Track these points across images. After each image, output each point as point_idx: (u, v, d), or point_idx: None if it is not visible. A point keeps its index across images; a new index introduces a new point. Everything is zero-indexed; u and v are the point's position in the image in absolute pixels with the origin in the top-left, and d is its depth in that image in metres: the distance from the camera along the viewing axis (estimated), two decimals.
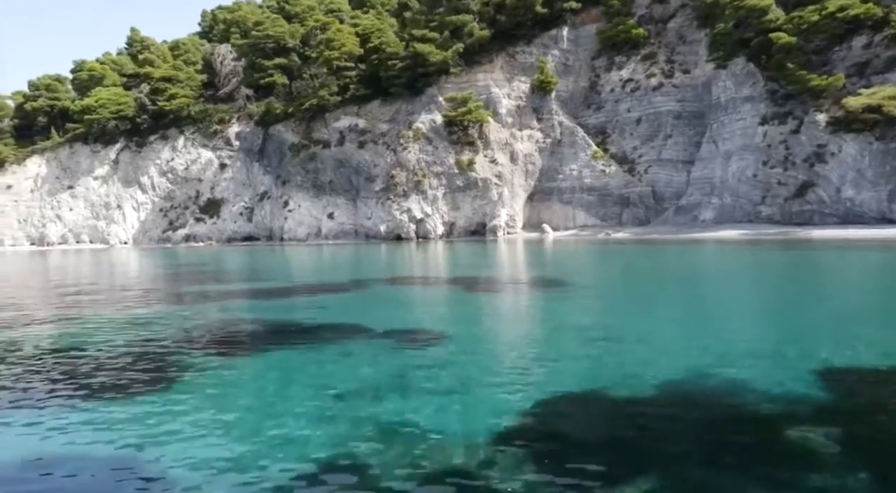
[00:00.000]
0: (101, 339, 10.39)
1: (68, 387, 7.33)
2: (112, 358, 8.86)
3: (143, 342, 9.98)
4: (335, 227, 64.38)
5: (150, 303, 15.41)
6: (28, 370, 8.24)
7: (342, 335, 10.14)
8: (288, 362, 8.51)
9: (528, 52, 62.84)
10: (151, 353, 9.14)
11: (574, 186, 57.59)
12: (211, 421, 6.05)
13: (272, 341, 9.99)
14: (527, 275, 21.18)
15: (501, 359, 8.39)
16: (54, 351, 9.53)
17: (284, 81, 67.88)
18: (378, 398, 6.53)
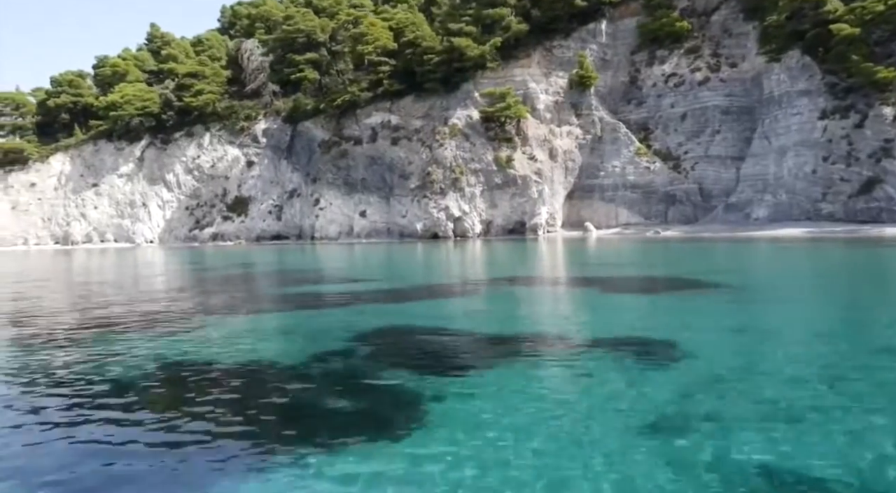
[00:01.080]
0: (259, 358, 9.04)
1: (283, 429, 5.78)
2: (306, 391, 7.46)
3: (326, 361, 8.58)
4: (367, 225, 63.02)
5: (287, 308, 14.06)
6: (222, 405, 6.82)
7: (562, 347, 8.76)
8: (531, 379, 7.02)
9: (566, 47, 61.45)
10: (350, 377, 7.64)
11: (616, 183, 56.19)
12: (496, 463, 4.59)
13: (487, 355, 8.58)
14: (647, 273, 19.75)
15: (788, 376, 6.93)
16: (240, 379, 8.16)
17: (315, 76, 66.47)
18: (716, 432, 5.08)
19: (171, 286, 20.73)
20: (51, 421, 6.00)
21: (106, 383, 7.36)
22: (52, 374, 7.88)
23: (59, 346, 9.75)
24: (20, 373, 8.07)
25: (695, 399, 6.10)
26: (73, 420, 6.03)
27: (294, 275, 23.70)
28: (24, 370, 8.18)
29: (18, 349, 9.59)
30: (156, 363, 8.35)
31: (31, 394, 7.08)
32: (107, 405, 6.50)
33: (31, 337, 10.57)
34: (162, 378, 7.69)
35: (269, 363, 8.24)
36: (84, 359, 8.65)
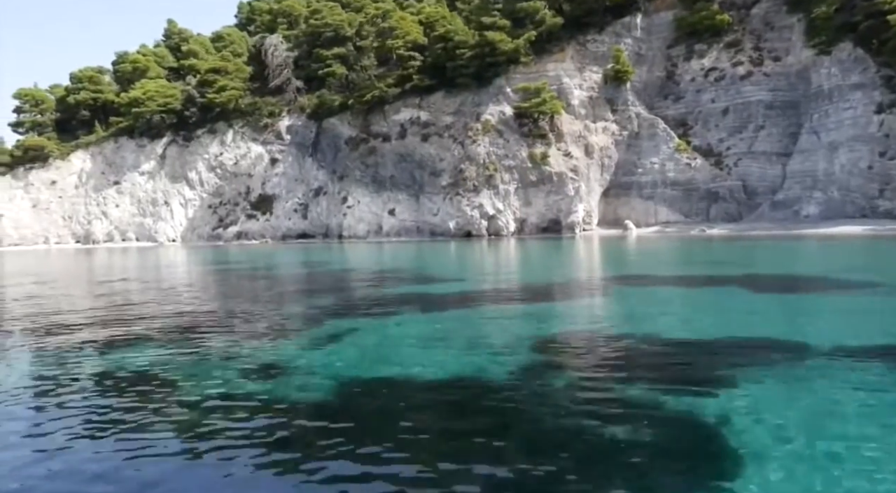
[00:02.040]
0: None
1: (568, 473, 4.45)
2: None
3: (537, 374, 7.26)
4: (397, 224, 61.73)
5: (412, 311, 12.74)
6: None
7: (800, 353, 7.41)
8: (807, 387, 5.74)
9: (600, 41, 60.10)
10: (587, 396, 6.32)
11: (655, 180, 54.81)
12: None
13: (727, 365, 7.22)
14: (769, 271, 18.35)
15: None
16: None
17: (343, 71, 65.18)
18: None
19: (252, 288, 19.43)
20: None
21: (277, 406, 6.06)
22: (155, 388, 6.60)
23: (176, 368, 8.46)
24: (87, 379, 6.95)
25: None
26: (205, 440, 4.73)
27: (370, 274, 22.35)
28: (90, 378, 6.94)
29: (80, 355, 8.33)
30: (305, 378, 7.05)
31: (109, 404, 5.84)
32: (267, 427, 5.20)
33: (107, 344, 9.30)
34: (334, 403, 6.37)
35: (459, 378, 6.91)
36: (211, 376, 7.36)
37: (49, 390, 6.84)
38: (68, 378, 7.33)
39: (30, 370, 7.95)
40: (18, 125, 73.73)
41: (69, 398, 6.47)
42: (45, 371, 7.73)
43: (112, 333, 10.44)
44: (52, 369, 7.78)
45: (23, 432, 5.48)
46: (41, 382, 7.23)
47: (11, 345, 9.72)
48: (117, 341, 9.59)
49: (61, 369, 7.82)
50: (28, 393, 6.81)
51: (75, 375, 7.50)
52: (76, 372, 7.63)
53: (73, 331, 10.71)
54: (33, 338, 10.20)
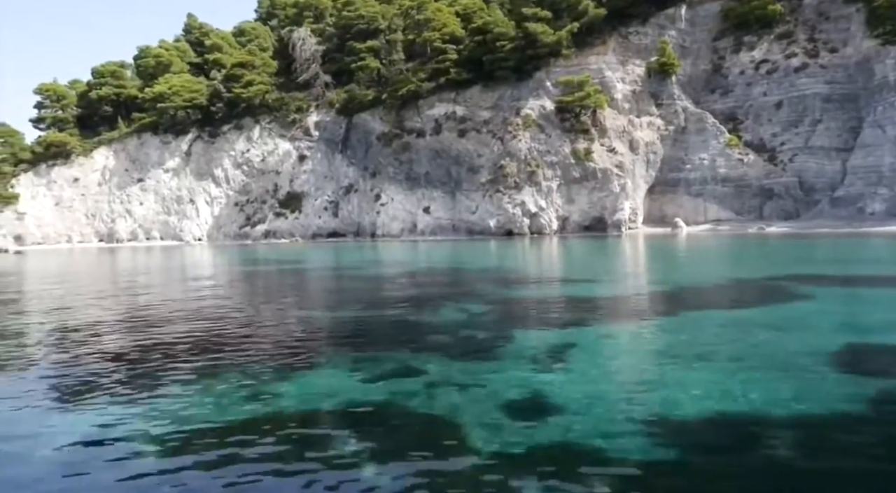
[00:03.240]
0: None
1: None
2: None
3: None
4: (432, 222, 59.86)
5: (597, 321, 10.87)
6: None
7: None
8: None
9: (643, 33, 58.22)
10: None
11: (705, 176, 52.87)
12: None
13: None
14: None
15: None
16: None
17: (377, 65, 63.29)
18: None
19: (357, 294, 17.55)
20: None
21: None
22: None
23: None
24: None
25: None
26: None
27: (478, 275, 20.47)
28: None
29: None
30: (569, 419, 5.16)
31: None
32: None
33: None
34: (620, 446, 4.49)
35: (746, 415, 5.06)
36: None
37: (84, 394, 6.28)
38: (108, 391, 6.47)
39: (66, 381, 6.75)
40: (39, 121, 71.97)
41: (102, 403, 6.00)
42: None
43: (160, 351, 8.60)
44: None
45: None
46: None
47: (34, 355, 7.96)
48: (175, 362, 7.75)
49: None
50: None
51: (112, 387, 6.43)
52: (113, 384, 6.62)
53: (104, 342, 8.89)
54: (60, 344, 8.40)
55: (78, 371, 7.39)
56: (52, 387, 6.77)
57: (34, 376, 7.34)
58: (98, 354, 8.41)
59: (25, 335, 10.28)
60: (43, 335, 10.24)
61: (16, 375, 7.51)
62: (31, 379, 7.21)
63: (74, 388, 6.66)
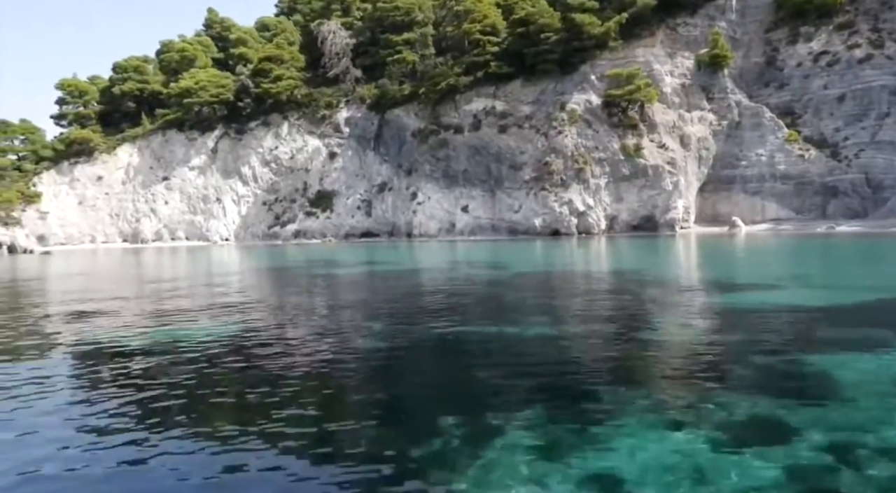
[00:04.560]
0: None
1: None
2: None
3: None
4: (471, 221, 57.60)
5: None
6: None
7: None
8: None
9: (692, 24, 55.95)
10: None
11: (762, 173, 50.51)
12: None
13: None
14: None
15: None
16: None
17: (414, 58, 61.05)
18: None
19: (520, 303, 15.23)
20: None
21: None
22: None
23: None
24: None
25: None
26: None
27: (627, 279, 18.14)
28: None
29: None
30: None
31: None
32: None
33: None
34: None
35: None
36: None
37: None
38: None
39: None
40: (61, 117, 69.83)
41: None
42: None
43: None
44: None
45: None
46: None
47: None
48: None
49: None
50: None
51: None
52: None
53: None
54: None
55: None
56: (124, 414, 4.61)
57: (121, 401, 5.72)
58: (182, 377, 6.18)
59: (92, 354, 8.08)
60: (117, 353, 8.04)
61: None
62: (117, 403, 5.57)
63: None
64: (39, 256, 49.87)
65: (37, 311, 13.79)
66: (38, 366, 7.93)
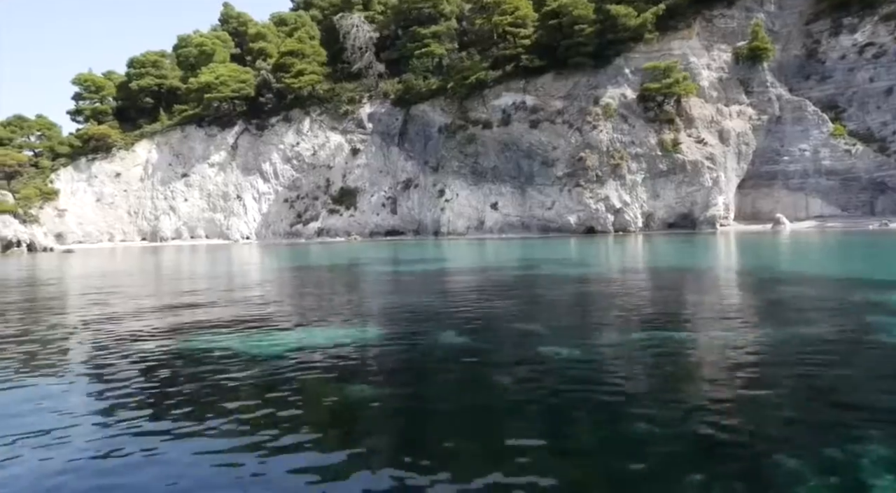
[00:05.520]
0: None
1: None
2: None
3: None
4: (500, 219, 56.08)
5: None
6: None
7: None
8: None
9: (729, 16, 54.37)
10: None
11: (806, 169, 48.97)
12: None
13: None
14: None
15: None
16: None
17: (443, 51, 59.54)
18: None
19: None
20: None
21: None
22: None
23: None
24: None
25: None
26: None
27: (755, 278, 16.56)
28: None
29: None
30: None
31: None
32: None
33: None
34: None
35: None
36: None
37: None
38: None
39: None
40: (77, 113, 68.40)
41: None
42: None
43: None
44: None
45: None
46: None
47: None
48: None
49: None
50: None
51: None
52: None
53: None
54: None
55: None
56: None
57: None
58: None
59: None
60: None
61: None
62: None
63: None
64: (61, 254, 48.42)
65: (80, 313, 12.30)
66: (90, 373, 6.51)
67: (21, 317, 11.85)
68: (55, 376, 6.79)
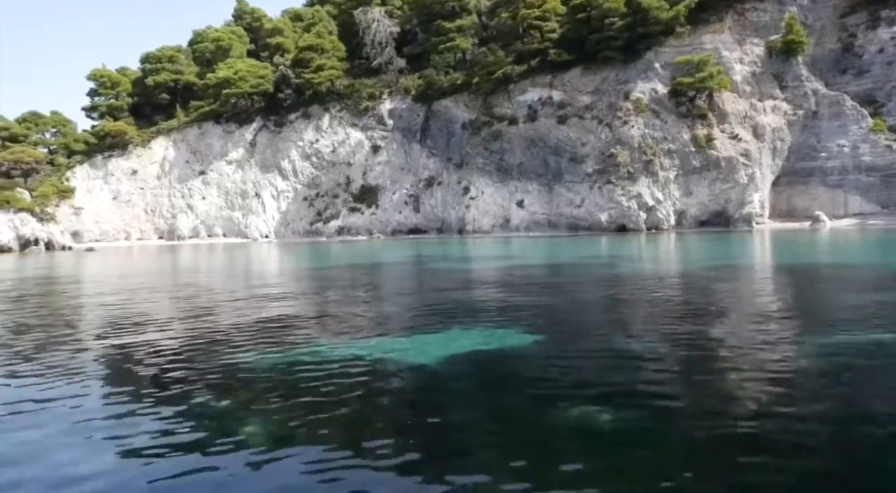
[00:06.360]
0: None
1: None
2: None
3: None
4: (527, 217, 54.90)
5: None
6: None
7: None
8: None
9: (762, 10, 53.16)
10: None
11: (845, 165, 47.77)
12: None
13: None
14: None
15: None
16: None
17: (468, 46, 58.36)
18: None
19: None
20: None
21: None
22: None
23: None
24: None
25: None
26: None
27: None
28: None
29: None
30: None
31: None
32: None
33: None
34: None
35: None
36: None
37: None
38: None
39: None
40: (92, 109, 67.20)
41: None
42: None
43: None
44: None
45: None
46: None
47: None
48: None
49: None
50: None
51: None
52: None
53: None
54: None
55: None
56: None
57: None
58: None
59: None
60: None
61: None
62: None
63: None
64: (82, 253, 47.26)
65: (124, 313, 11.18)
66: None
67: (86, 317, 10.73)
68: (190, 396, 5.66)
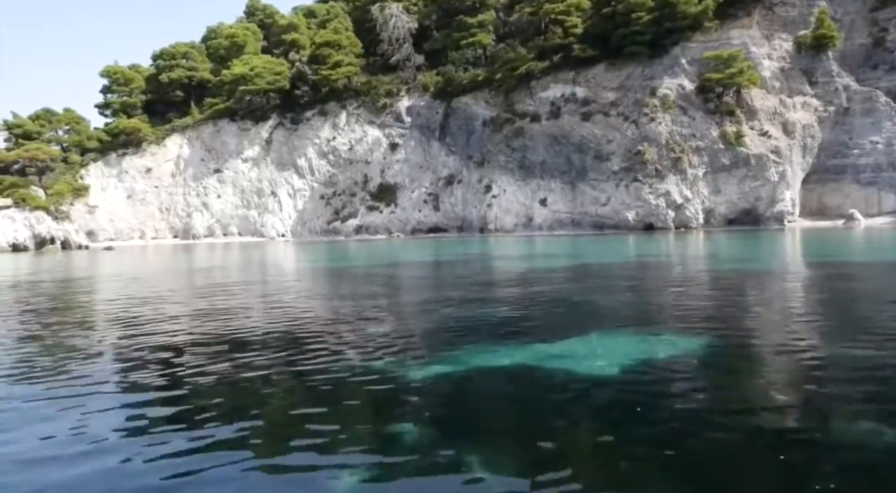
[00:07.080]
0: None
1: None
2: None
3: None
4: (550, 215, 53.96)
5: None
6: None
7: None
8: None
9: (790, 4, 52.29)
10: None
11: (879, 162, 46.84)
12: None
13: None
14: None
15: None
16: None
17: (490, 41, 57.42)
18: None
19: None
20: None
21: None
22: None
23: None
24: None
25: None
26: None
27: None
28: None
29: None
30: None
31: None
32: None
33: None
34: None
35: None
36: None
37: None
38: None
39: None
40: (105, 107, 66.25)
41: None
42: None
43: None
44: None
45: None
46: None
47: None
48: None
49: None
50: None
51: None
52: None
53: None
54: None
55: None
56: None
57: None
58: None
59: None
60: None
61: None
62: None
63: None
64: (100, 252, 46.31)
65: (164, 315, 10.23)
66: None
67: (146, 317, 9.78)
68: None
